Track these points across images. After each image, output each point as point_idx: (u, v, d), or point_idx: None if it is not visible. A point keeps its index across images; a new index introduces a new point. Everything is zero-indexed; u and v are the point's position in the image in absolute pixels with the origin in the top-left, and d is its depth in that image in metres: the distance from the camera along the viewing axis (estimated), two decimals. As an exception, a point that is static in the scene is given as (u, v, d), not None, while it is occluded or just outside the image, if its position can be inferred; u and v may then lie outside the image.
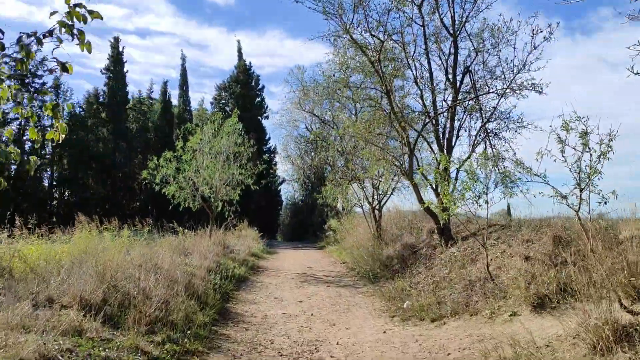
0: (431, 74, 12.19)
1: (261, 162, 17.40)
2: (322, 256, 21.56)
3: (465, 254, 10.54)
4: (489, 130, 11.96)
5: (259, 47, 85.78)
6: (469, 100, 11.95)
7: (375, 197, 17.09)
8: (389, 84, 11.98)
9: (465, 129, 12.23)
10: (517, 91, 10.81)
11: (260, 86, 46.73)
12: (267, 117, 46.39)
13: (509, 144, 11.70)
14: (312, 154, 38.16)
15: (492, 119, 11.62)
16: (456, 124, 12.20)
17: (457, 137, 12.18)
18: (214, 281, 10.74)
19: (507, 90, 10.90)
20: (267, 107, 46.01)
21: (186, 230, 18.61)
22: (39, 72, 42.21)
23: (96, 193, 41.95)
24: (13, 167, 40.12)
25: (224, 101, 45.24)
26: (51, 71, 4.09)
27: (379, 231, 16.71)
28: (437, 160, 12.33)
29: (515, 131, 11.58)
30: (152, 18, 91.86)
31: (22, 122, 42.25)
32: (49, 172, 43.07)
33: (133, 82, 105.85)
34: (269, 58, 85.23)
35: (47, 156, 42.77)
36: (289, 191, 50.74)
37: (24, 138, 41.84)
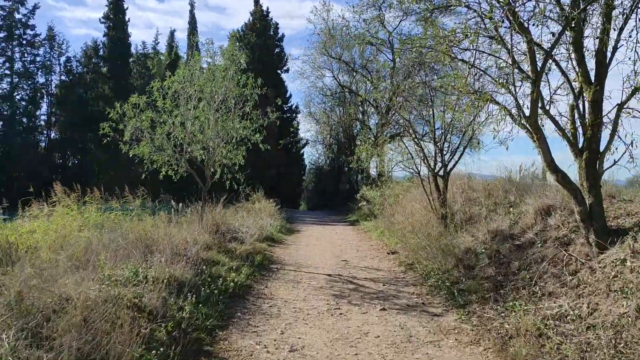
0: None
1: (273, 109, 12.19)
2: (357, 237, 16.54)
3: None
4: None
5: (278, 8, 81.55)
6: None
7: (439, 158, 11.79)
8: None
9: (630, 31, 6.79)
10: None
11: (279, 35, 41.11)
12: (287, 71, 40.97)
13: None
14: (340, 109, 32.75)
15: None
16: (612, 31, 6.76)
17: (615, 50, 6.77)
18: (179, 316, 5.80)
19: None
20: (286, 58, 40.41)
21: (180, 205, 13.91)
22: (31, 22, 37.46)
23: (97, 158, 37.41)
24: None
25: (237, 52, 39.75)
26: None
27: (444, 208, 11.52)
28: (574, 91, 6.97)
29: None
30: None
31: (14, 79, 37.78)
32: (45, 135, 38.68)
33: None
34: (289, 19, 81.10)
35: (42, 116, 38.33)
36: (312, 154, 45.77)
37: (17, 97, 37.38)
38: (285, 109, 40.99)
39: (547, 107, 6.95)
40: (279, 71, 40.42)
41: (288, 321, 6.57)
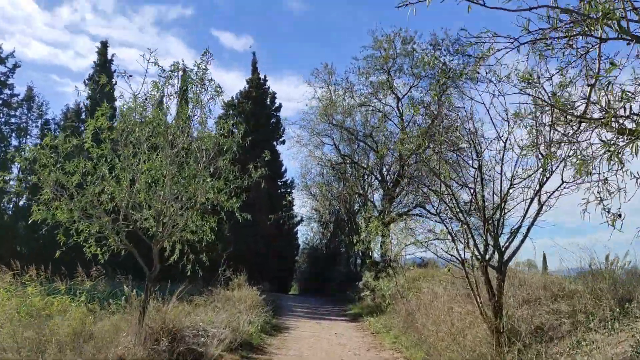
0: None
1: (256, 166, 8.76)
2: (364, 341, 12.54)
3: None
4: None
5: (276, 91, 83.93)
6: None
7: (490, 242, 8.19)
8: None
9: None
10: None
11: (276, 105, 38.77)
12: (283, 142, 38.14)
13: None
14: (340, 184, 29.48)
15: None
16: None
17: None
18: None
19: None
20: (283, 129, 37.75)
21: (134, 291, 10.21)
22: (10, 81, 34.97)
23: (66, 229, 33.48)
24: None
25: (231, 121, 37.05)
26: None
27: (499, 315, 7.76)
28: None
29: None
30: (171, 60, 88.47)
31: (-15, 140, 34.71)
32: (12, 203, 34.96)
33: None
34: (286, 102, 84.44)
35: (12, 181, 34.81)
36: (306, 233, 42.08)
37: (-12, 160, 34.10)
38: (280, 183, 37.93)
39: None
40: (274, 142, 37.69)
41: None
